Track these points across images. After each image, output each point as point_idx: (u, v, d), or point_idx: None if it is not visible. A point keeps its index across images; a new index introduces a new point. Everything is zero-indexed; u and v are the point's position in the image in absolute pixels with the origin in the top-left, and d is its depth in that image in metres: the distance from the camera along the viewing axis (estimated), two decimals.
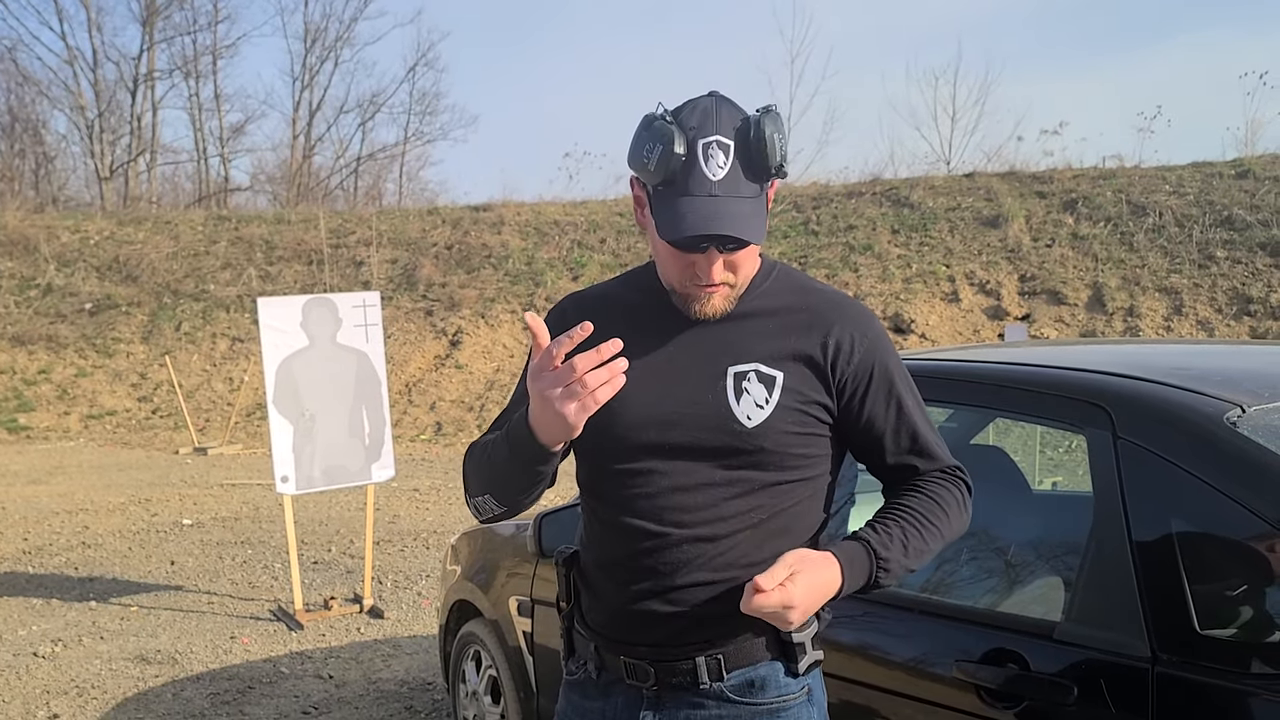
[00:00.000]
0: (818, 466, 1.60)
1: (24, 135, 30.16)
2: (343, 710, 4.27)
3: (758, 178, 1.48)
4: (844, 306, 1.62)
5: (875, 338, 1.61)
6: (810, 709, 1.60)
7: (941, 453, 1.64)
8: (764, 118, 1.47)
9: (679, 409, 1.55)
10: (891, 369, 1.62)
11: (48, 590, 6.25)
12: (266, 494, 9.47)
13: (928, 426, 1.64)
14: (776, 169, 1.49)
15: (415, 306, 16.18)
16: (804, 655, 1.56)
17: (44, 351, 16.45)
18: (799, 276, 1.68)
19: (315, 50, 32.61)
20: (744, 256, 1.52)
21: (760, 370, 1.54)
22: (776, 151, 1.47)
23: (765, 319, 1.58)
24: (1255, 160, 15.12)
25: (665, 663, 1.56)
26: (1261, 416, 1.86)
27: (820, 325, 1.58)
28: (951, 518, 1.59)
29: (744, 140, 1.46)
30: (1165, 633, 1.74)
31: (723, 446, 1.53)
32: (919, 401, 1.66)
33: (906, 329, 13.59)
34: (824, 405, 1.57)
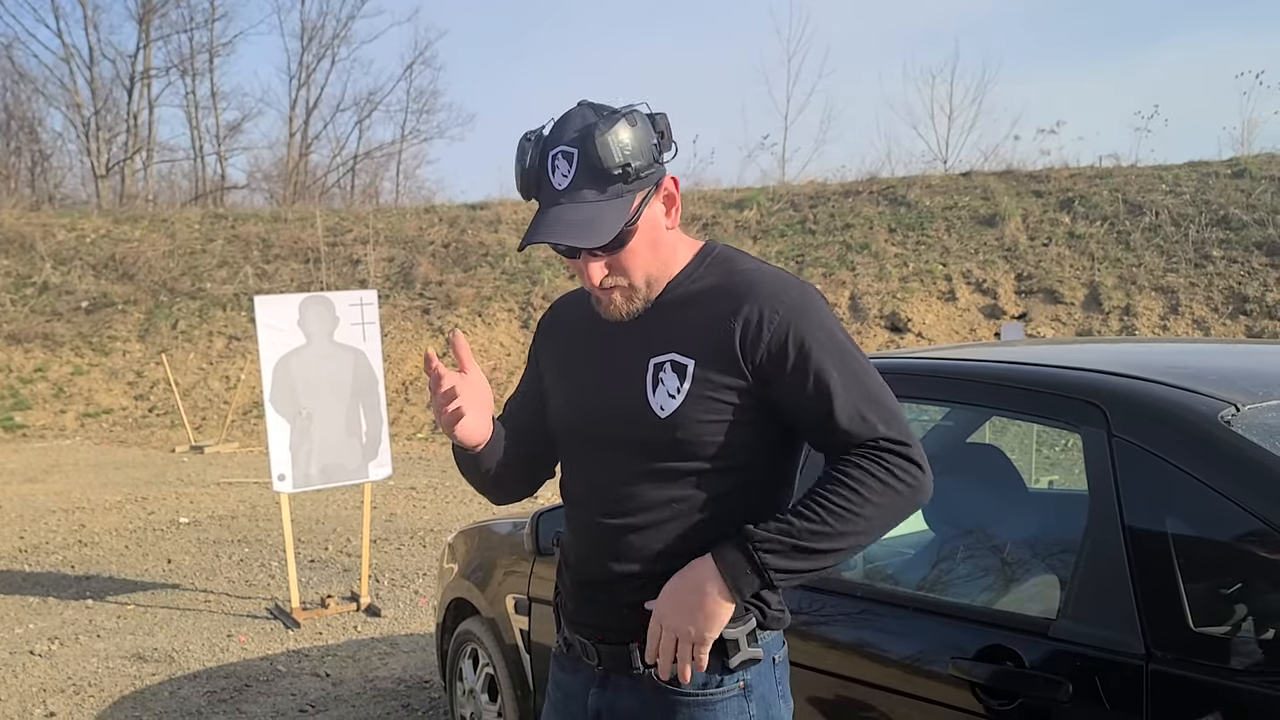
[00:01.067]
0: (743, 454, 1.56)
1: (20, 133, 30.12)
2: (339, 708, 4.27)
3: (601, 182, 1.49)
4: (759, 283, 1.56)
5: (791, 310, 1.52)
6: (745, 704, 1.60)
7: (865, 428, 1.50)
8: (601, 122, 1.48)
9: (606, 403, 1.62)
10: (809, 342, 1.51)
11: (44, 588, 6.24)
12: (263, 492, 9.47)
13: (859, 399, 1.51)
14: (621, 170, 1.48)
15: (412, 305, 16.17)
16: (736, 652, 1.56)
17: (40, 350, 16.43)
18: (729, 260, 1.63)
19: (312, 48, 32.58)
20: (627, 257, 1.55)
21: (674, 359, 1.56)
22: (614, 154, 1.47)
23: (686, 307, 1.59)
24: (1251, 160, 15.14)
25: (608, 645, 1.64)
26: (1256, 415, 1.87)
27: (731, 306, 1.54)
28: (865, 492, 1.46)
29: (584, 147, 1.48)
30: (1160, 630, 1.74)
31: (642, 438, 1.57)
32: (854, 371, 1.52)
33: (903, 328, 13.60)
34: (739, 390, 1.53)
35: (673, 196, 1.59)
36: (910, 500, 1.51)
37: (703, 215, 16.94)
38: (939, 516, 2.71)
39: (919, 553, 2.71)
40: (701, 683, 1.57)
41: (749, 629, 1.57)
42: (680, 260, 1.63)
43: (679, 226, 1.64)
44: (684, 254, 1.64)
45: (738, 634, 1.56)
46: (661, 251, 1.58)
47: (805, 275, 14.90)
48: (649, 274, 1.58)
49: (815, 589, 2.39)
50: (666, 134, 1.55)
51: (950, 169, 18.94)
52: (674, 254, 1.61)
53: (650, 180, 1.53)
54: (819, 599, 2.37)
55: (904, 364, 2.70)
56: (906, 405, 3.43)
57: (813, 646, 2.32)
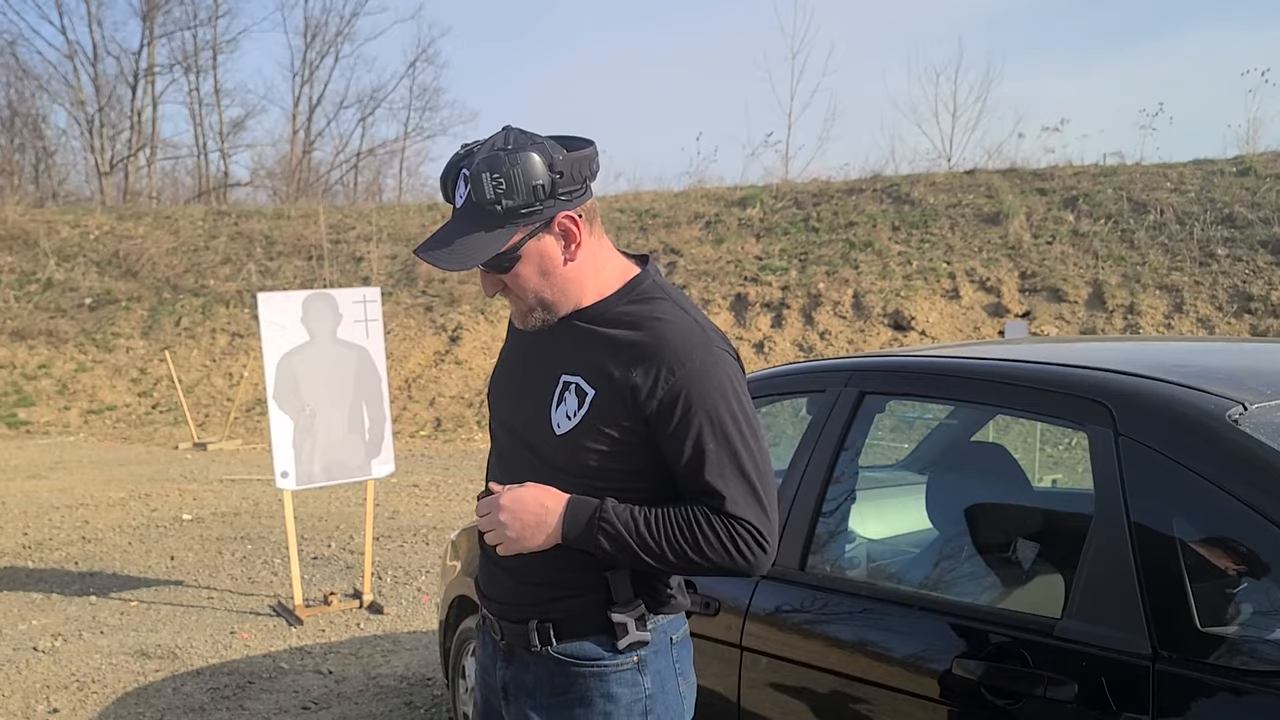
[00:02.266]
0: (628, 479, 1.65)
1: (24, 130, 30.17)
2: (342, 705, 4.27)
3: (480, 213, 1.59)
4: (666, 340, 1.61)
5: (688, 375, 1.58)
6: (640, 678, 1.70)
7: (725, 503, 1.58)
8: (491, 156, 1.57)
9: (517, 404, 1.75)
10: (695, 409, 1.58)
11: (47, 585, 6.25)
12: (266, 489, 9.48)
13: (729, 474, 1.58)
14: (491, 208, 1.57)
15: (415, 302, 16.17)
16: (625, 635, 1.67)
17: (44, 346, 16.45)
18: (650, 302, 1.68)
19: (315, 45, 32.63)
20: (513, 280, 1.66)
21: (579, 384, 1.65)
22: (486, 192, 1.56)
23: (605, 336, 1.65)
24: (1257, 158, 15.10)
25: (509, 621, 1.75)
26: (1264, 414, 1.86)
27: (636, 355, 1.61)
28: (706, 549, 1.57)
29: (472, 179, 1.59)
30: (1166, 630, 1.74)
31: (538, 443, 1.69)
32: (732, 449, 1.59)
33: (906, 326, 13.59)
34: (628, 429, 1.62)
35: (570, 232, 1.64)
36: (738, 571, 1.61)
37: (705, 213, 16.93)
38: (943, 515, 2.70)
39: (923, 551, 2.70)
40: (595, 656, 1.68)
41: (638, 614, 1.68)
42: (605, 284, 1.69)
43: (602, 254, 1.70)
44: (611, 280, 1.70)
45: (626, 618, 1.67)
46: (556, 279, 1.66)
47: (808, 273, 14.89)
48: (541, 298, 1.67)
49: (818, 587, 2.39)
50: (567, 174, 1.59)
51: (954, 167, 18.90)
52: (584, 280, 1.68)
53: (534, 218, 1.60)
54: (822, 597, 2.37)
55: (908, 362, 2.69)
56: (911, 403, 3.43)
57: (816, 644, 2.31)
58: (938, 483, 3.06)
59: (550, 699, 1.71)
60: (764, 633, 2.40)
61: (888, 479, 3.39)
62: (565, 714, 1.70)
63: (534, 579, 1.71)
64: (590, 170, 1.64)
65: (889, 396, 2.60)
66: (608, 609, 1.67)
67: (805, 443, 2.55)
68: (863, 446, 2.60)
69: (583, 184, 1.63)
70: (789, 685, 2.35)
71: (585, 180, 1.64)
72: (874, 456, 3.89)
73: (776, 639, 2.39)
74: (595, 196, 1.72)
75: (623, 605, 1.67)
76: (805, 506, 2.46)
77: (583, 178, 1.63)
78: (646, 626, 1.69)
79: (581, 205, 1.65)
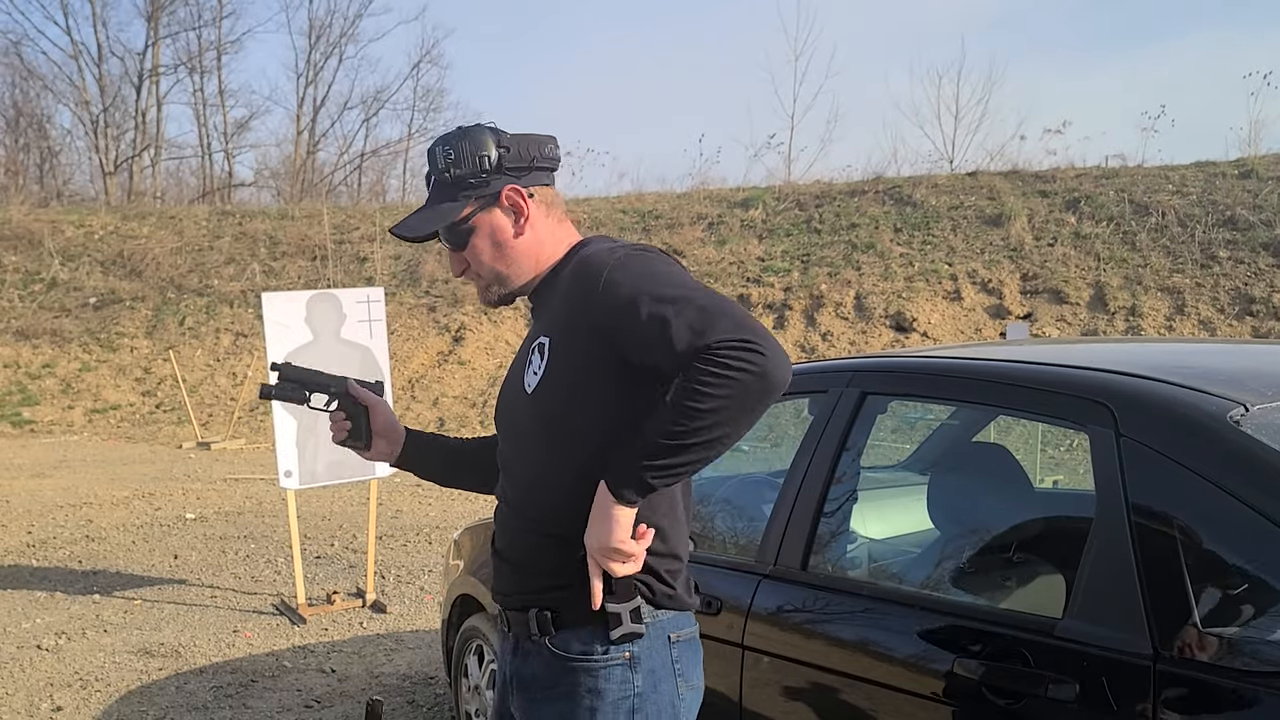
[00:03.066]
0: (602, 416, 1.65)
1: (29, 130, 30.22)
2: (345, 704, 4.28)
3: (440, 187, 1.75)
4: (592, 257, 1.68)
5: (615, 268, 1.61)
6: (630, 674, 1.68)
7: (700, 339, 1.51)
8: (441, 136, 1.75)
9: (509, 394, 1.81)
10: (635, 289, 1.57)
11: (51, 583, 6.26)
12: (269, 488, 9.49)
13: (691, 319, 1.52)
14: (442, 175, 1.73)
15: (418, 303, 16.19)
16: (617, 625, 1.66)
17: (48, 346, 16.48)
18: (584, 247, 1.76)
19: (320, 46, 32.66)
20: (470, 254, 1.77)
21: (540, 343, 1.72)
22: (437, 160, 1.73)
23: (555, 294, 1.74)
24: (1259, 160, 15.09)
25: (514, 611, 1.77)
26: (1265, 415, 1.87)
27: (574, 284, 1.68)
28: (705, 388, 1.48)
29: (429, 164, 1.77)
30: (1168, 630, 1.74)
31: (518, 416, 1.76)
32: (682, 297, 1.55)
33: (908, 327, 13.58)
34: (587, 353, 1.64)
35: (518, 205, 1.74)
36: (754, 384, 1.49)
37: (708, 214, 16.94)
38: (945, 515, 2.71)
39: (925, 551, 2.71)
40: (583, 650, 1.68)
41: (633, 605, 1.68)
42: (555, 256, 1.78)
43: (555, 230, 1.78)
44: (561, 252, 1.79)
45: (620, 609, 1.66)
46: (511, 251, 1.76)
47: (810, 274, 14.89)
48: (496, 269, 1.77)
49: (820, 587, 2.39)
50: (513, 150, 1.72)
51: (956, 169, 18.91)
52: (538, 253, 1.77)
53: (483, 189, 1.72)
54: (824, 597, 2.37)
55: (910, 363, 2.70)
56: (913, 404, 3.44)
57: (817, 644, 2.32)
58: (939, 483, 3.06)
59: (542, 692, 1.71)
60: (766, 632, 2.41)
61: (889, 479, 3.40)
62: (551, 708, 1.70)
63: (534, 568, 1.72)
64: (540, 152, 1.75)
65: (891, 397, 2.61)
66: (604, 599, 1.66)
67: (807, 443, 2.56)
68: (864, 447, 2.61)
69: (529, 163, 1.74)
70: (791, 685, 2.35)
71: (533, 160, 1.74)
72: (876, 457, 3.90)
73: (778, 638, 2.40)
74: (601, 197, 1.75)
75: (619, 595, 1.66)
76: (807, 506, 2.47)
77: (529, 157, 1.74)
78: (642, 619, 1.68)
79: (533, 185, 1.75)
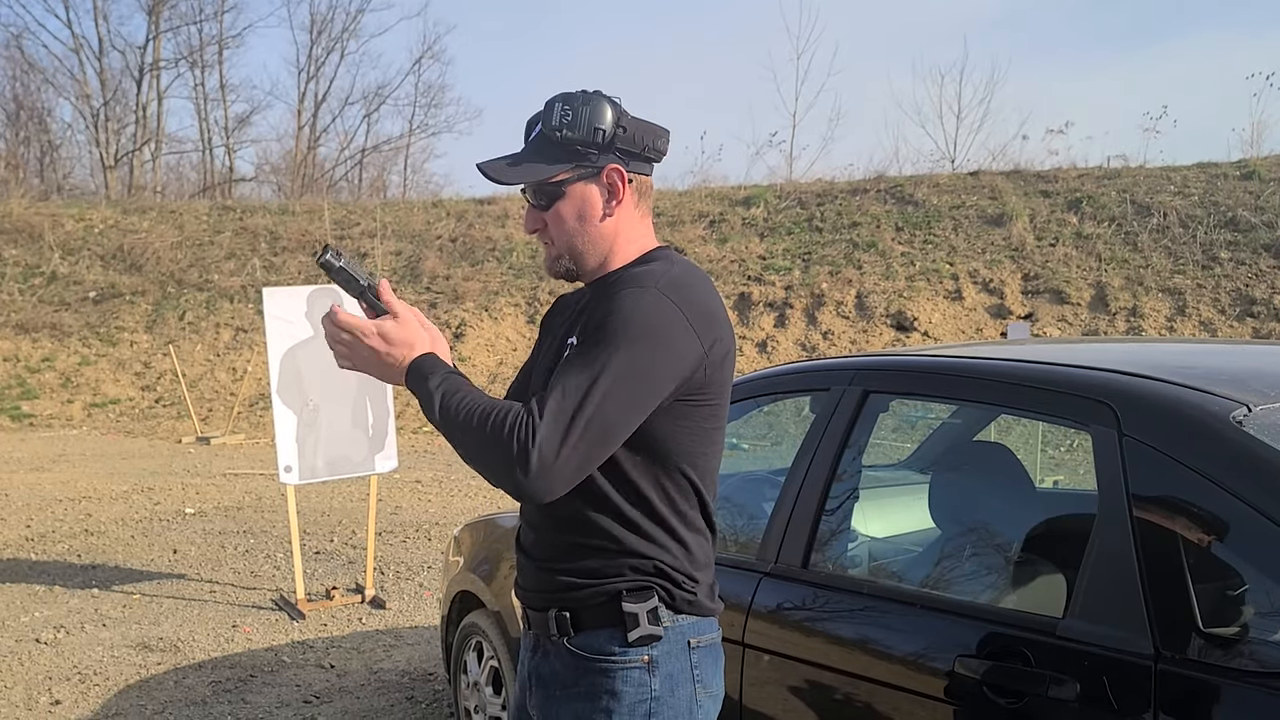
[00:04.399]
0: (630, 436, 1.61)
1: (29, 123, 30.21)
2: (344, 700, 4.28)
3: (544, 143, 1.68)
4: (620, 282, 1.65)
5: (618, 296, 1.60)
6: (647, 678, 1.66)
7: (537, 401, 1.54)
8: (564, 96, 1.67)
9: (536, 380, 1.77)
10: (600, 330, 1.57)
11: (50, 577, 6.26)
12: (269, 484, 9.49)
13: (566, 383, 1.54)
14: (554, 134, 1.65)
15: (419, 299, 16.18)
16: (635, 626, 1.65)
17: (48, 339, 16.47)
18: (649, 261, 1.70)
19: (321, 42, 32.65)
20: (552, 219, 1.71)
21: (572, 343, 1.68)
22: (553, 117, 1.66)
23: (597, 298, 1.69)
24: (1260, 162, 15.09)
25: (533, 610, 1.76)
26: (1268, 416, 1.86)
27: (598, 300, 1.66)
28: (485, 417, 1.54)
29: (543, 117, 1.69)
30: (1169, 630, 1.74)
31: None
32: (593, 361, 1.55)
33: (909, 326, 13.58)
34: None
35: (616, 188, 1.69)
36: (496, 466, 1.53)
37: (710, 212, 16.93)
38: (946, 514, 2.71)
39: (926, 550, 2.71)
40: (603, 651, 1.66)
41: (650, 606, 1.66)
42: (626, 255, 1.73)
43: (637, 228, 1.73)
44: (632, 250, 1.73)
45: (638, 610, 1.65)
46: (591, 230, 1.70)
47: (812, 273, 14.89)
48: (572, 244, 1.71)
49: (821, 585, 2.39)
50: (628, 131, 1.67)
51: (958, 168, 18.91)
52: (614, 244, 1.72)
53: (586, 160, 1.67)
54: (825, 595, 2.37)
55: (912, 362, 2.70)
56: (914, 402, 3.43)
57: (817, 642, 2.32)
58: (940, 482, 3.06)
59: (560, 690, 1.71)
60: (767, 630, 2.41)
61: (890, 478, 3.39)
62: (569, 707, 1.69)
63: (555, 567, 1.71)
64: (652, 144, 1.70)
65: (892, 396, 2.60)
66: (620, 600, 1.65)
67: (808, 441, 2.56)
68: (866, 445, 2.61)
69: (642, 151, 1.69)
70: (791, 683, 2.35)
71: (645, 149, 1.69)
72: (877, 455, 3.90)
73: (779, 636, 2.39)
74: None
75: (636, 596, 1.65)
76: (808, 504, 2.47)
77: (643, 145, 1.69)
78: (660, 622, 1.66)
79: (635, 172, 1.71)
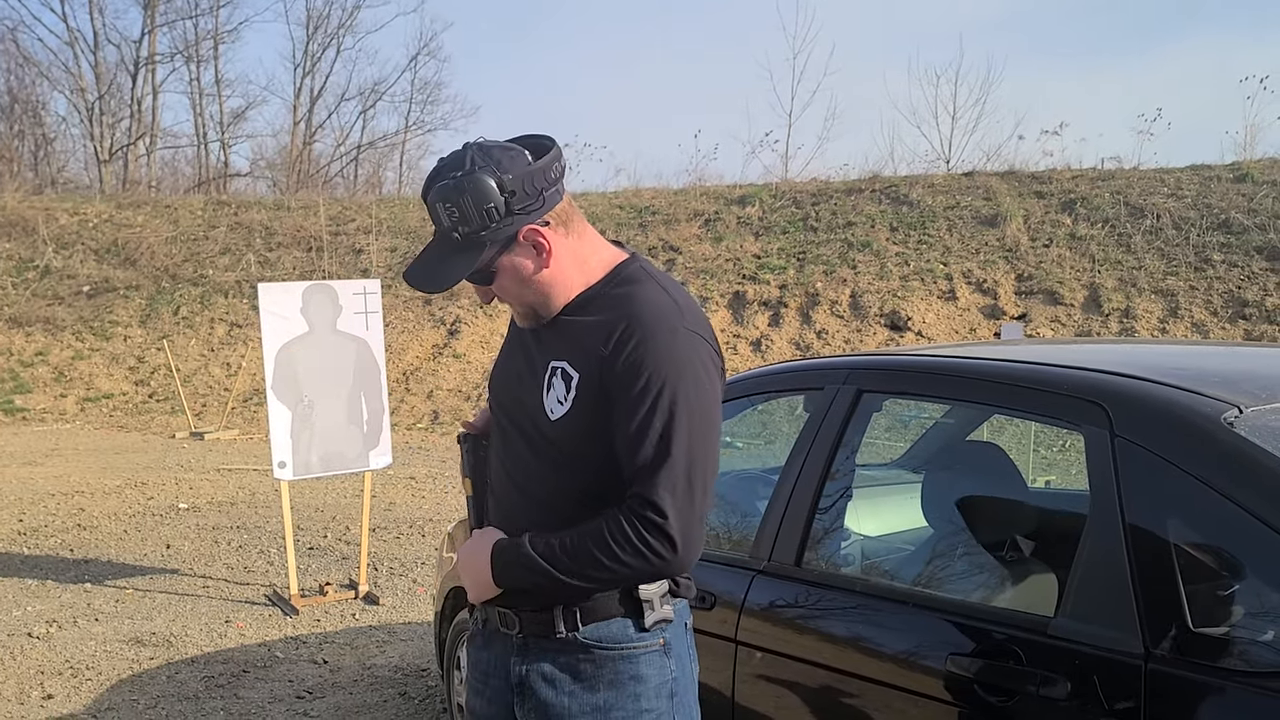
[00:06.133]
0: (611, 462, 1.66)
1: (24, 117, 30.08)
2: (336, 695, 4.28)
3: (446, 236, 1.65)
4: (638, 315, 1.64)
5: (654, 348, 1.60)
6: (665, 660, 1.72)
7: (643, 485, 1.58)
8: (438, 188, 1.63)
9: (514, 393, 1.78)
10: (651, 384, 1.59)
11: (43, 571, 6.25)
12: (263, 479, 9.48)
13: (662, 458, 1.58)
14: (449, 231, 1.63)
15: (414, 295, 16.15)
16: (651, 611, 1.69)
17: (41, 334, 16.43)
18: (634, 282, 1.71)
19: (317, 37, 32.54)
20: (498, 290, 1.72)
21: (564, 369, 1.69)
22: (442, 218, 1.63)
23: (587, 321, 1.69)
24: (1254, 164, 15.12)
25: (528, 612, 1.73)
26: (1259, 417, 1.88)
27: (613, 330, 1.64)
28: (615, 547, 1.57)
29: (432, 219, 1.67)
30: (1159, 630, 1.75)
31: (535, 430, 1.73)
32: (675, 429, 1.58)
33: (903, 326, 13.60)
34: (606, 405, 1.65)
35: (540, 244, 1.67)
36: (652, 570, 1.61)
37: (705, 211, 16.94)
38: (938, 513, 2.71)
39: (918, 549, 2.72)
40: (623, 638, 1.69)
41: (662, 591, 1.71)
42: (591, 275, 1.73)
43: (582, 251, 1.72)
44: (596, 270, 1.73)
45: (652, 595, 1.69)
46: (537, 286, 1.70)
47: (806, 273, 14.90)
48: (526, 303, 1.73)
49: (814, 583, 2.40)
50: (521, 190, 1.62)
51: (953, 169, 18.92)
52: (565, 281, 1.71)
53: (497, 235, 1.63)
54: (816, 593, 2.38)
55: (906, 361, 2.71)
56: (908, 402, 3.44)
57: (810, 640, 2.33)
58: (933, 481, 3.07)
59: (574, 684, 1.70)
60: (759, 627, 2.42)
61: (884, 477, 3.41)
62: (592, 699, 1.69)
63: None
64: (547, 180, 1.65)
65: (886, 395, 2.61)
66: (631, 589, 1.68)
67: (802, 440, 2.57)
68: (859, 444, 2.61)
69: (538, 196, 1.64)
70: (783, 680, 2.36)
71: (542, 191, 1.64)
72: (870, 454, 3.91)
73: (771, 634, 2.40)
74: (598, 192, 1.74)
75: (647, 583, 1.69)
76: (801, 503, 2.48)
77: (538, 190, 1.64)
78: (670, 604, 1.72)
79: (549, 212, 1.67)
